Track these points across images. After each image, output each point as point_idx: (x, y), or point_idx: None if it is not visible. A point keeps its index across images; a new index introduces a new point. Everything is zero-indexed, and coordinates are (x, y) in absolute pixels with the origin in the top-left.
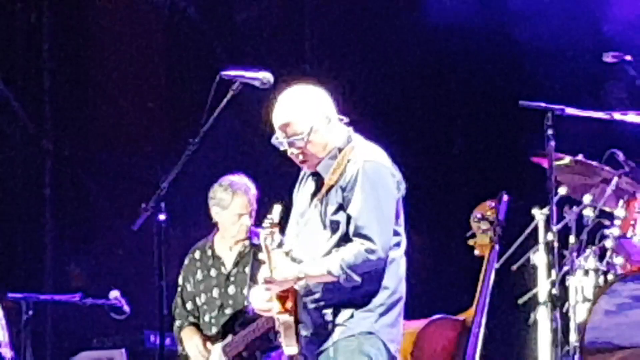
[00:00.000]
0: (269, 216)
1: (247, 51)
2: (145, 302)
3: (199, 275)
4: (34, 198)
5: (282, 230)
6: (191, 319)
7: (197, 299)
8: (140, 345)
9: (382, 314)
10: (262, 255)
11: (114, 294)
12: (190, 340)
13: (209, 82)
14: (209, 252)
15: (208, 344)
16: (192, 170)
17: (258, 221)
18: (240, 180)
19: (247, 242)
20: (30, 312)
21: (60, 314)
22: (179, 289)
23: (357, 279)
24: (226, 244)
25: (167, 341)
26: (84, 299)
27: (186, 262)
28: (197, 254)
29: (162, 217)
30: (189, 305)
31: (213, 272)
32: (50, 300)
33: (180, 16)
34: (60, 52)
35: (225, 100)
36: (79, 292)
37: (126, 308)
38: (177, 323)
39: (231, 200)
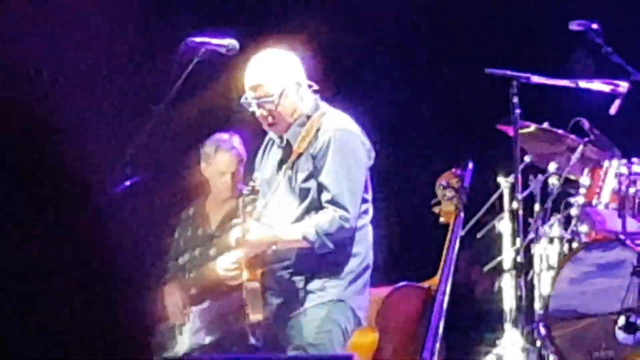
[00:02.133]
0: (250, 183)
1: (213, 19)
2: None
3: (189, 232)
4: None
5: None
6: (180, 274)
7: (186, 255)
8: None
9: (351, 282)
10: (235, 221)
11: None
12: (171, 297)
13: (175, 50)
14: (201, 210)
15: (187, 308)
16: (160, 137)
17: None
18: (229, 138)
19: (234, 203)
20: None
21: None
22: (174, 243)
23: (331, 245)
24: (216, 203)
25: None
26: None
27: (182, 217)
28: (191, 211)
29: (127, 183)
30: (180, 260)
31: (200, 231)
32: None
33: None
34: None
35: (190, 67)
36: None
37: None
38: (166, 277)
39: (214, 156)
